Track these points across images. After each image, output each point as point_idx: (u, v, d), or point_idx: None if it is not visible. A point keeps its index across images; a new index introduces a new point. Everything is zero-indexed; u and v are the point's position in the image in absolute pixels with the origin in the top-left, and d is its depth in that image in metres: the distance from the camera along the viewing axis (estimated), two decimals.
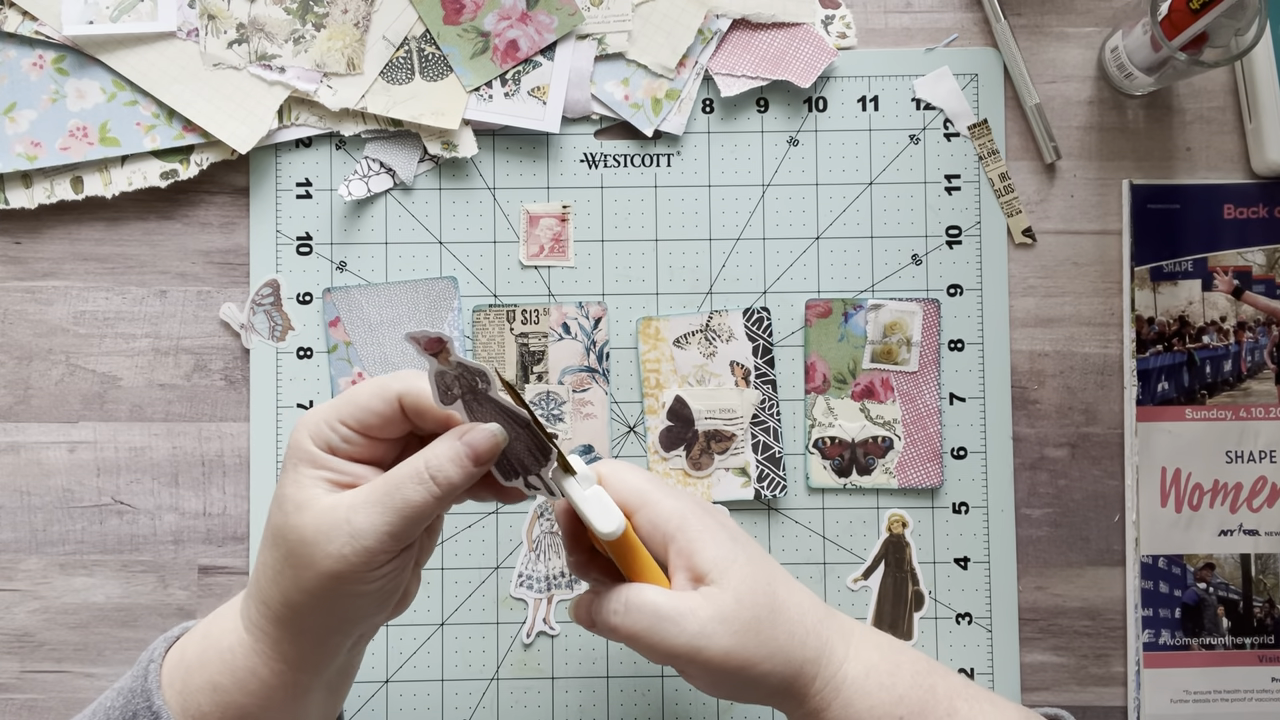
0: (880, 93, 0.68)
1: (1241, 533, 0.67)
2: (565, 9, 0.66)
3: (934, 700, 0.50)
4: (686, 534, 0.49)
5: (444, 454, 0.46)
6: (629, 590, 0.49)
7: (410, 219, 0.67)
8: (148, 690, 0.48)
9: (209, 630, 0.50)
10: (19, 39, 0.65)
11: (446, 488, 0.45)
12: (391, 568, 0.47)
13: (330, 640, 0.48)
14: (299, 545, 0.45)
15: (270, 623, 0.47)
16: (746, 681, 0.49)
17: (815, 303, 0.67)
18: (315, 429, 0.47)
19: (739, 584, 0.48)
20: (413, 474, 0.45)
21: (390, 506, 0.45)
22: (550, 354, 0.67)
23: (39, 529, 0.66)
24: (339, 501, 0.45)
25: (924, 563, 0.67)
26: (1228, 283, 0.67)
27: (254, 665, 0.48)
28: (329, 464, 0.46)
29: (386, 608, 0.49)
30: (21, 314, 0.67)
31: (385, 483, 0.46)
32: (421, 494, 0.45)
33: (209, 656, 0.48)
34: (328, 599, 0.46)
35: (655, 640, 0.48)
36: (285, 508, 0.46)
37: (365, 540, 0.45)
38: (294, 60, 0.66)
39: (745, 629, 0.48)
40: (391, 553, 0.46)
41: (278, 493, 0.47)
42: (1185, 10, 0.59)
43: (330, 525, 0.45)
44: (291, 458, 0.47)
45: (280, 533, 0.46)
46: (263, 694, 0.48)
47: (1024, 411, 0.67)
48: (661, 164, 0.68)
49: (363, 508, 0.45)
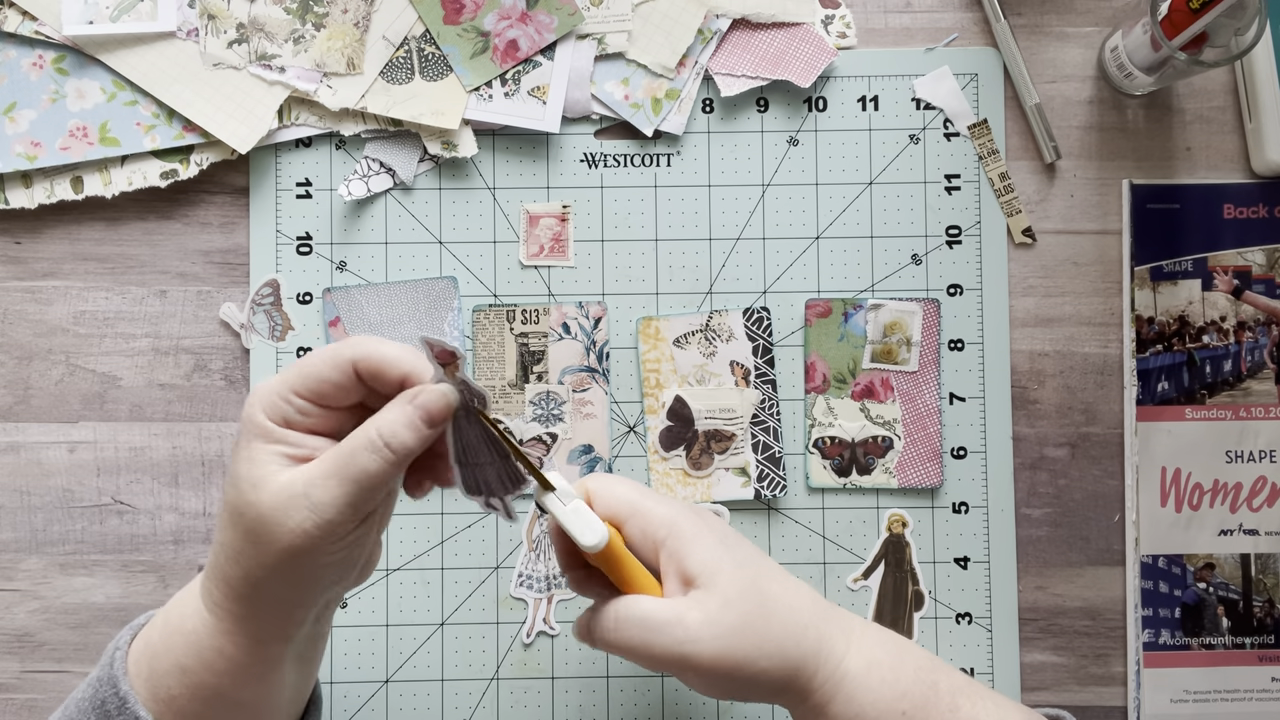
0: (880, 93, 0.68)
1: (1241, 533, 0.67)
2: (565, 9, 0.66)
3: (936, 696, 0.50)
4: (676, 539, 0.49)
5: (396, 418, 0.45)
6: (618, 604, 0.49)
7: (410, 219, 0.67)
8: (114, 677, 0.48)
9: (169, 615, 0.50)
10: (19, 39, 0.65)
11: (402, 452, 0.45)
12: (354, 537, 0.46)
13: (295, 613, 0.48)
14: (257, 523, 0.45)
15: (233, 601, 0.47)
16: (743, 682, 0.49)
17: (815, 302, 0.67)
18: (268, 402, 0.46)
19: (727, 586, 0.48)
20: (366, 442, 0.45)
21: (347, 477, 0.44)
22: (550, 354, 0.67)
23: (39, 529, 0.66)
24: (296, 476, 0.45)
25: (924, 562, 0.67)
26: (1228, 282, 0.67)
27: (220, 644, 0.47)
28: (284, 438, 0.46)
29: (350, 575, 0.49)
30: (21, 314, 0.67)
31: (339, 453, 0.45)
32: (377, 461, 0.45)
33: (173, 640, 0.48)
34: (291, 573, 0.46)
35: (647, 650, 0.48)
36: (241, 486, 0.46)
37: (326, 513, 0.44)
38: (294, 60, 0.66)
39: (734, 630, 0.48)
40: (353, 523, 0.45)
41: (232, 470, 0.46)
42: (1185, 10, 0.59)
43: (288, 501, 0.44)
44: (245, 433, 0.46)
45: (238, 511, 0.46)
46: (231, 671, 0.48)
47: (1024, 411, 0.67)
48: (661, 164, 0.68)
49: (320, 481, 0.44)
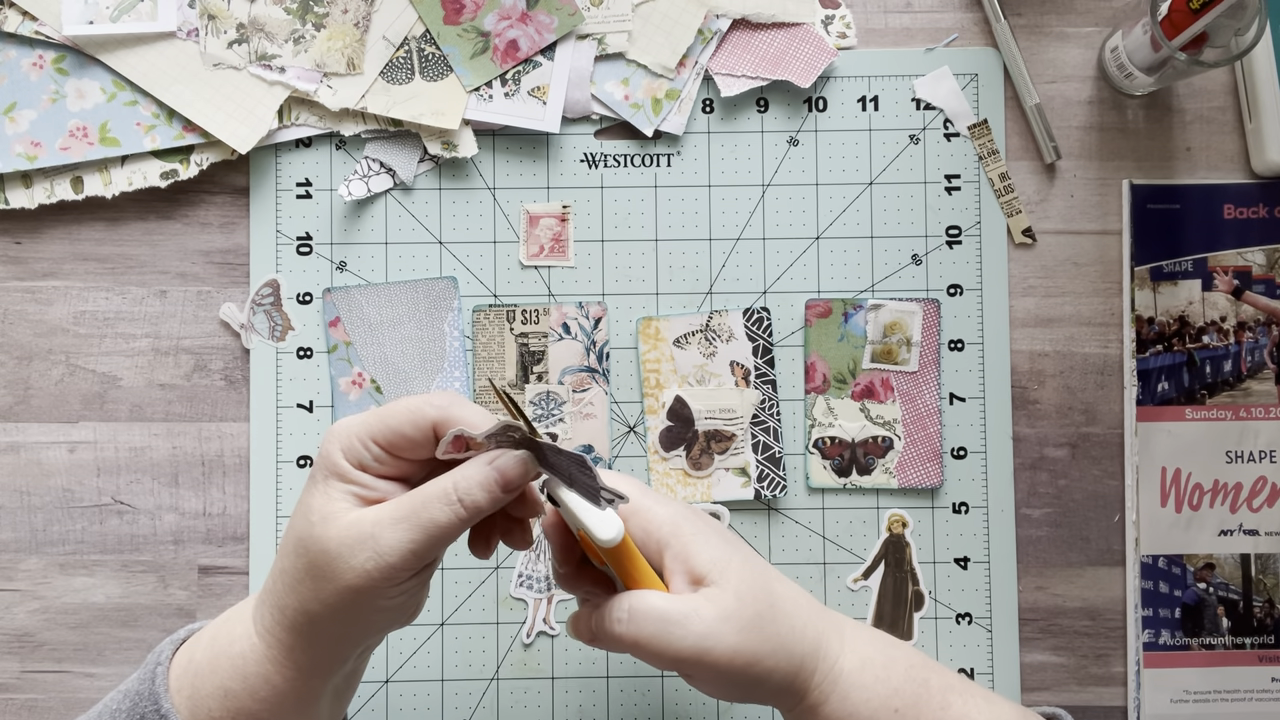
0: (880, 93, 0.68)
1: (1241, 533, 0.67)
2: (565, 9, 0.66)
3: (928, 694, 0.50)
4: (681, 538, 0.49)
5: (474, 477, 0.46)
6: (631, 597, 0.48)
7: (410, 219, 0.67)
8: (155, 693, 0.48)
9: (217, 635, 0.50)
10: (19, 39, 0.65)
11: (473, 509, 0.46)
12: (412, 584, 0.47)
13: (343, 650, 0.48)
14: (321, 557, 0.46)
15: (285, 630, 0.47)
16: (752, 679, 0.49)
17: (815, 303, 0.67)
18: (348, 444, 0.47)
19: (738, 582, 0.48)
20: (440, 495, 0.46)
21: (416, 525, 0.45)
22: (550, 354, 0.67)
23: (39, 529, 0.66)
24: (364, 516, 0.46)
25: (924, 563, 0.67)
26: (1228, 283, 0.67)
27: (266, 672, 0.48)
28: (357, 479, 0.47)
29: (401, 619, 0.49)
30: (21, 314, 0.67)
31: (412, 501, 0.46)
32: (448, 515, 0.45)
33: (220, 662, 0.49)
34: (346, 611, 0.46)
35: (662, 644, 0.47)
36: (311, 518, 0.46)
37: (389, 557, 0.45)
38: (294, 60, 0.66)
39: (748, 625, 0.48)
40: (413, 570, 0.46)
41: (304, 502, 0.47)
42: (1185, 10, 0.59)
43: (355, 540, 0.45)
44: (321, 469, 0.47)
45: (303, 543, 0.46)
46: (274, 700, 0.48)
47: (1024, 411, 0.67)
48: (661, 164, 0.68)
49: (389, 525, 0.45)
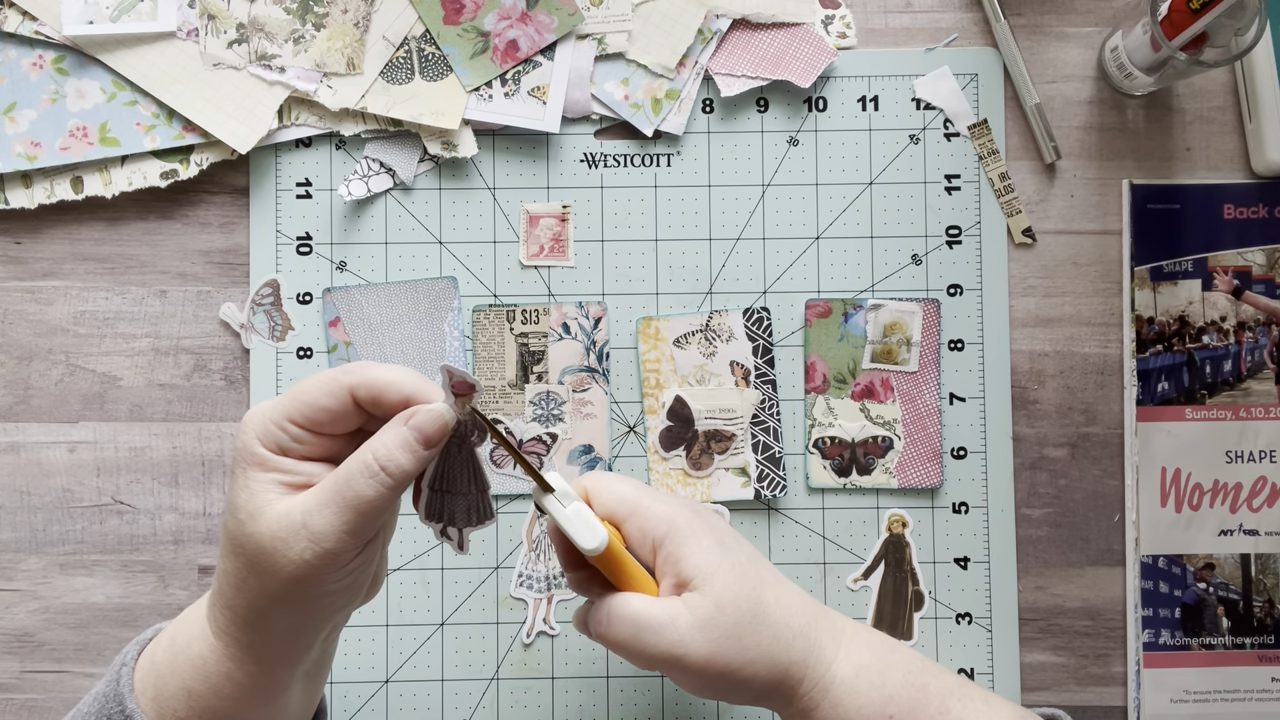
0: (880, 93, 0.68)
1: (1241, 533, 0.67)
2: (565, 9, 0.66)
3: (925, 699, 0.50)
4: (674, 540, 0.49)
5: (392, 441, 0.44)
6: (613, 601, 0.49)
7: (410, 219, 0.67)
8: (120, 694, 0.48)
9: (176, 635, 0.49)
10: (19, 39, 0.65)
11: (399, 476, 0.44)
12: (357, 563, 0.46)
13: (302, 639, 0.48)
14: (258, 554, 0.44)
15: (239, 628, 0.47)
16: (730, 686, 0.49)
17: (815, 303, 0.67)
18: (263, 430, 0.45)
19: (721, 590, 0.49)
20: (362, 468, 0.44)
21: (345, 504, 0.44)
22: (550, 354, 0.67)
23: (39, 529, 0.66)
24: (293, 505, 0.44)
25: (924, 563, 0.67)
26: (1228, 283, 0.67)
27: (228, 670, 0.47)
28: (280, 465, 0.45)
29: (357, 598, 0.48)
30: (21, 314, 0.67)
31: (335, 481, 0.44)
32: (374, 487, 0.44)
33: (179, 663, 0.48)
34: (296, 601, 0.45)
35: (638, 648, 0.48)
36: (239, 516, 0.45)
37: (325, 543, 0.44)
38: (294, 60, 0.66)
39: (725, 635, 0.48)
40: (354, 550, 0.45)
41: (230, 500, 0.46)
42: (1185, 10, 0.59)
43: (287, 531, 0.44)
44: (240, 461, 0.45)
45: (238, 542, 0.45)
46: (238, 696, 0.47)
47: (1024, 411, 0.67)
48: (661, 164, 0.68)
49: (317, 510, 0.44)
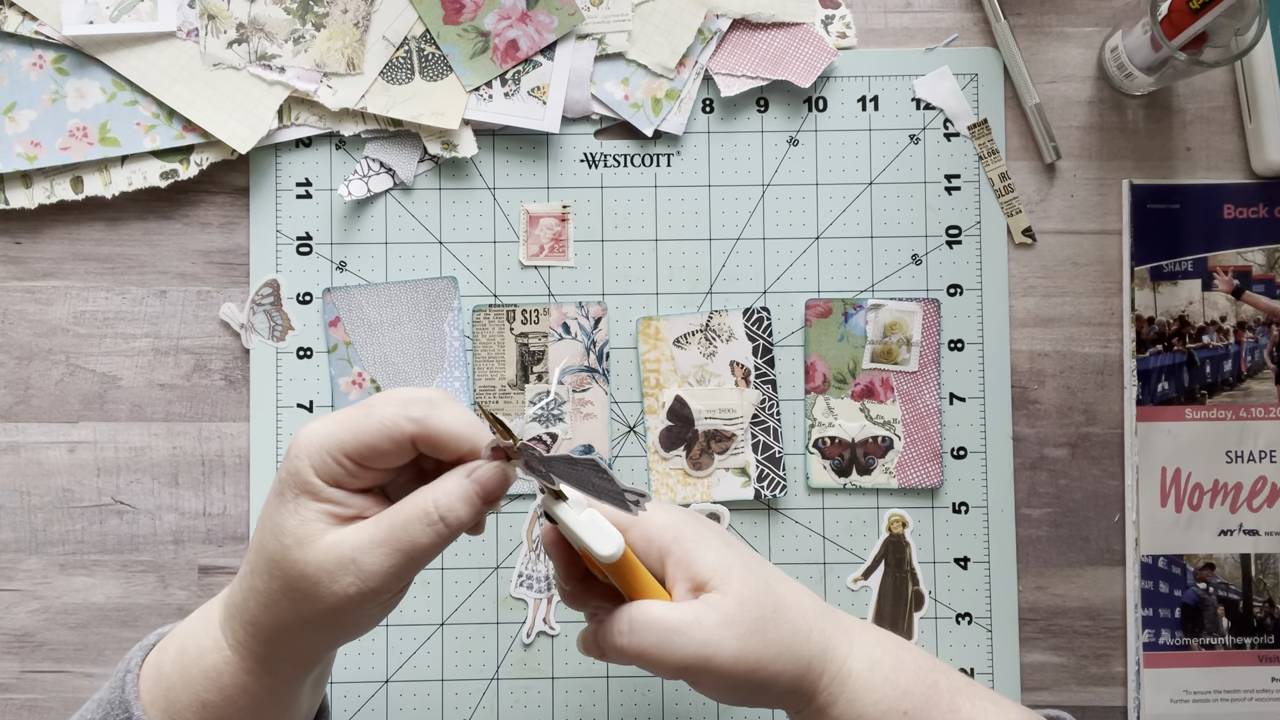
0: (880, 93, 0.68)
1: (1241, 533, 0.67)
2: (565, 9, 0.66)
3: (937, 696, 0.50)
4: (682, 545, 0.49)
5: (453, 492, 0.44)
6: (631, 609, 0.48)
7: (410, 219, 0.67)
8: (126, 701, 0.48)
9: (185, 646, 0.49)
10: (19, 39, 0.65)
11: (457, 527, 0.44)
12: (396, 598, 0.47)
13: (321, 653, 0.48)
14: (299, 580, 0.44)
15: (260, 644, 0.46)
16: (758, 684, 0.48)
17: (815, 303, 0.67)
18: (318, 460, 0.44)
19: (740, 587, 0.48)
20: (420, 514, 0.44)
21: (398, 548, 0.44)
22: (550, 354, 0.67)
23: (39, 529, 0.66)
24: (344, 539, 0.44)
25: (924, 563, 0.67)
26: (1228, 283, 0.67)
27: (244, 682, 0.47)
28: (332, 497, 0.45)
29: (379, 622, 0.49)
30: (21, 314, 0.67)
31: (391, 522, 0.44)
32: (430, 535, 0.44)
33: (192, 675, 0.47)
34: (327, 627, 0.46)
35: (665, 654, 0.47)
36: (284, 540, 0.44)
37: (372, 582, 0.44)
38: (294, 60, 0.66)
39: (751, 631, 0.47)
40: (397, 589, 0.45)
41: (274, 521, 0.45)
42: (1185, 10, 0.59)
43: (335, 564, 0.44)
44: (291, 486, 0.45)
45: (278, 565, 0.45)
46: (253, 706, 0.47)
47: (1024, 411, 0.67)
48: (661, 164, 0.68)
49: (369, 548, 0.44)
